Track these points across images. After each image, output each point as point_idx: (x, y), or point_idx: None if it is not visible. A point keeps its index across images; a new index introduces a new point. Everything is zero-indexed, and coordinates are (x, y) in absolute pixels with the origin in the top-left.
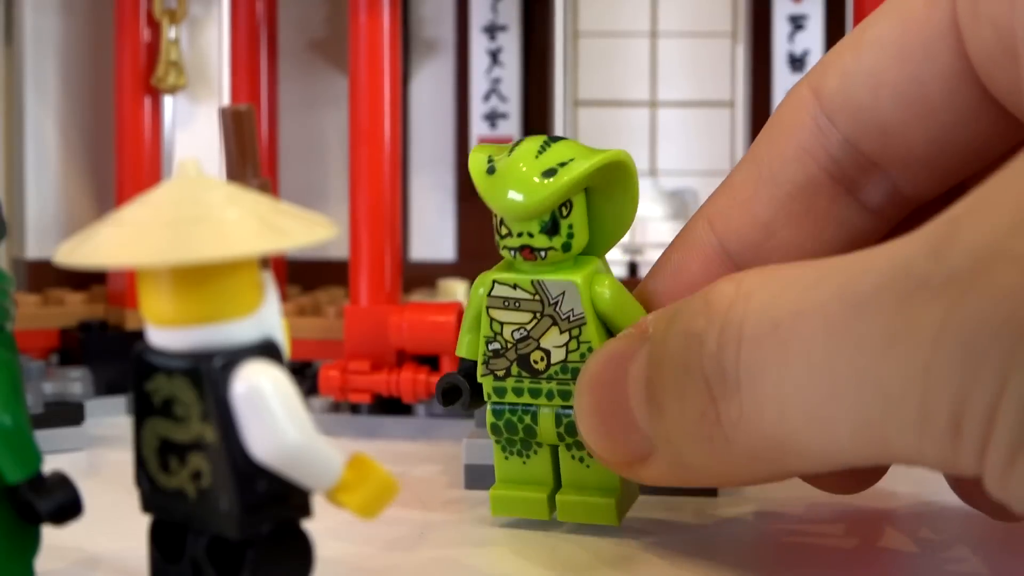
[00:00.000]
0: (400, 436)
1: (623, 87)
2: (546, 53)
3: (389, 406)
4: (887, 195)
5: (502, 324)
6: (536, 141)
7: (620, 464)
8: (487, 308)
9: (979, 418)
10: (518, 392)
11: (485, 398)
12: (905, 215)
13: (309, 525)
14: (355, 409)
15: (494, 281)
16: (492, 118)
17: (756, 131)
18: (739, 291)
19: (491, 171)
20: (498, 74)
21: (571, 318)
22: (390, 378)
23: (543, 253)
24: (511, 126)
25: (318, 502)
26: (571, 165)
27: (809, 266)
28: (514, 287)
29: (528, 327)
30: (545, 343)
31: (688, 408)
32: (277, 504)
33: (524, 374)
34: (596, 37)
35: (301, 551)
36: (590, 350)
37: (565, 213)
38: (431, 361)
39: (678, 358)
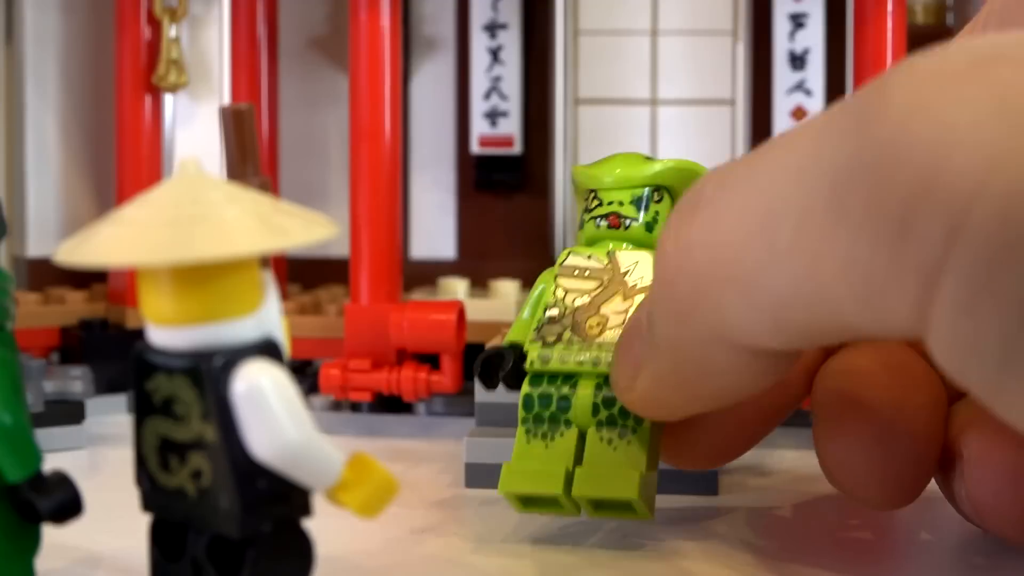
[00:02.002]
0: (400, 435)
1: (624, 85)
2: (547, 51)
3: (390, 404)
4: None
5: (567, 291)
6: (640, 153)
7: (623, 385)
8: (556, 277)
9: (937, 225)
10: (563, 359)
11: (527, 366)
12: None
13: (309, 524)
14: (355, 407)
15: (570, 252)
16: (492, 116)
17: (757, 129)
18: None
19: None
20: (499, 72)
21: (639, 287)
22: (391, 376)
23: (628, 222)
24: (511, 124)
25: (318, 501)
26: (669, 159)
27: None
28: (588, 257)
29: (593, 294)
30: (606, 309)
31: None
32: (277, 503)
33: (575, 339)
34: (597, 35)
35: (301, 550)
36: None
37: (657, 198)
38: (432, 360)
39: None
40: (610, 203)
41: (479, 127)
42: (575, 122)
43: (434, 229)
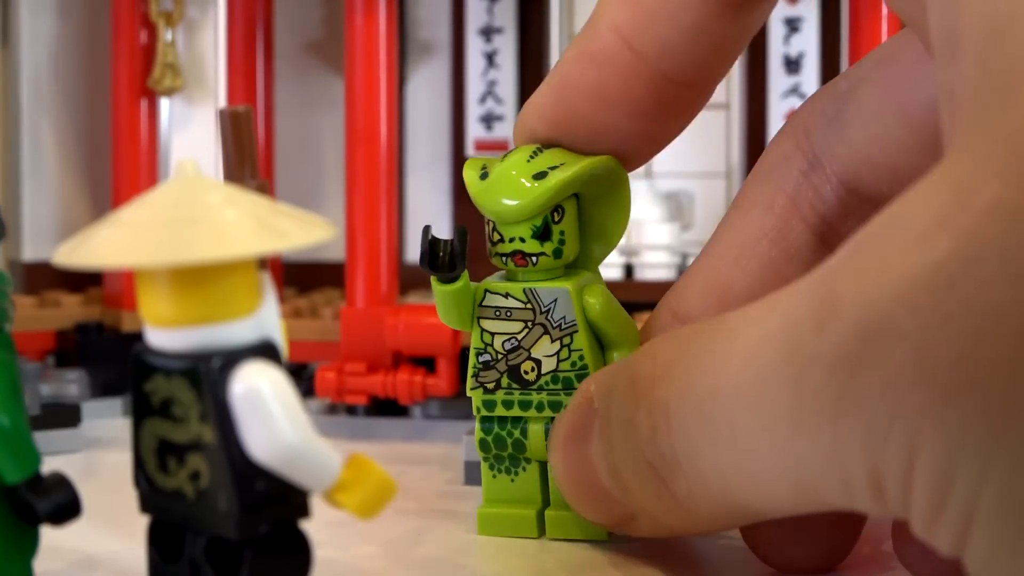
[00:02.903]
0: (396, 438)
1: None
2: (542, 55)
3: (385, 408)
4: None
5: (493, 335)
6: (528, 149)
7: (609, 526)
8: (478, 319)
9: (896, 487)
10: (508, 405)
11: (474, 412)
12: None
13: (307, 525)
14: (351, 411)
15: (486, 290)
16: (488, 120)
17: (752, 133)
18: (656, 366)
19: (484, 176)
20: (494, 76)
21: (563, 326)
22: (386, 380)
23: (534, 259)
24: (507, 128)
25: (316, 502)
26: (562, 168)
27: (717, 332)
28: (506, 295)
29: (519, 337)
30: (536, 352)
31: (647, 488)
32: (275, 504)
33: (515, 386)
34: None
35: (299, 551)
36: (581, 358)
37: (557, 219)
38: (427, 363)
39: (622, 446)
40: (511, 239)
41: (474, 131)
42: None
43: None
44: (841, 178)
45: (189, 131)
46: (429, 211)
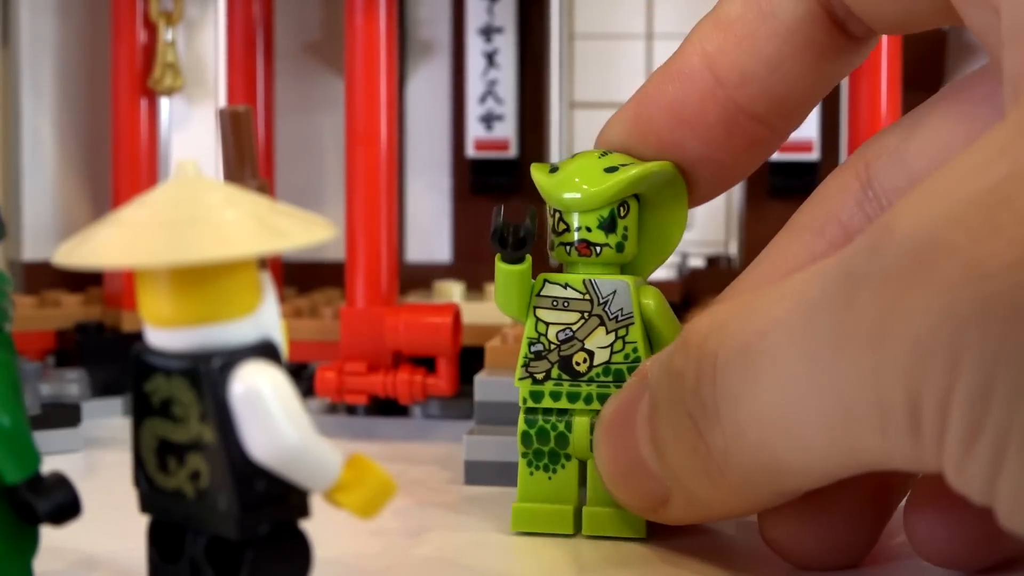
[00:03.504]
0: (396, 437)
1: (619, 89)
2: (542, 55)
3: (385, 407)
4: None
5: (548, 325)
6: (596, 151)
7: (643, 509)
8: (534, 308)
9: (934, 411)
10: (555, 396)
11: (520, 403)
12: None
13: (307, 525)
14: (351, 411)
15: (545, 280)
16: (488, 120)
17: None
18: (712, 323)
19: (554, 171)
20: (494, 76)
21: (619, 318)
22: (386, 379)
23: (599, 249)
24: (507, 128)
25: (316, 502)
26: (631, 165)
27: (777, 286)
28: (565, 286)
29: (574, 327)
30: (590, 344)
31: (683, 445)
32: (275, 504)
33: (564, 377)
34: (592, 39)
35: (299, 551)
36: (635, 351)
37: (623, 213)
38: (427, 363)
39: (667, 399)
40: (577, 228)
41: (474, 131)
42: (570, 126)
43: (430, 232)
44: None
45: (189, 131)
46: (429, 210)
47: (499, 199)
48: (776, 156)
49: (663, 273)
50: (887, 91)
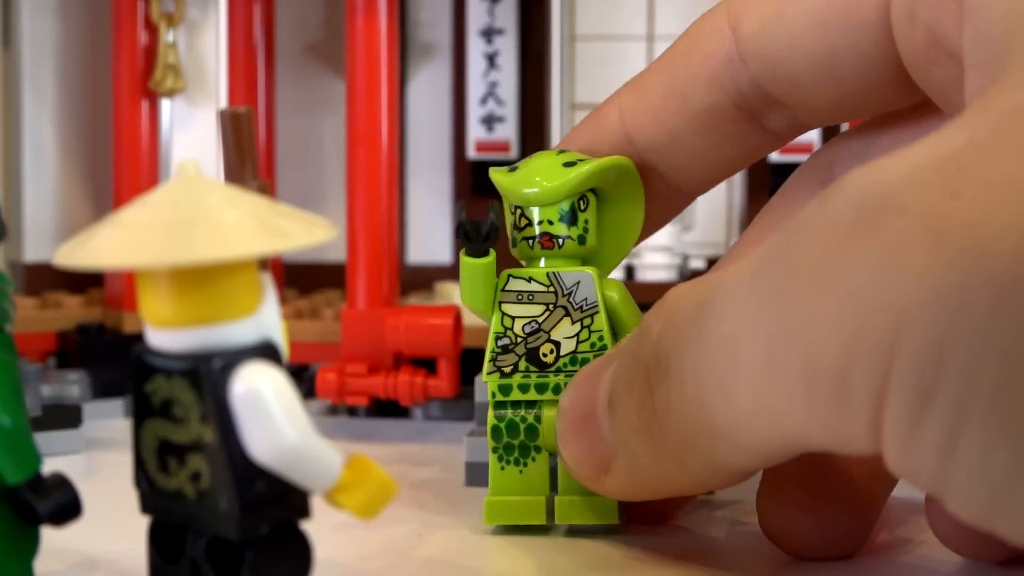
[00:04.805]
0: (397, 439)
1: None
2: (543, 57)
3: (386, 409)
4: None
5: (513, 319)
6: (553, 151)
7: (587, 475)
8: (499, 303)
9: (868, 375)
10: (524, 388)
11: (488, 398)
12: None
13: (308, 526)
14: (352, 412)
15: (509, 275)
16: (489, 122)
17: None
18: (690, 286)
19: (513, 170)
20: (495, 78)
21: (584, 307)
22: (387, 381)
23: (561, 241)
24: (508, 130)
25: (317, 503)
26: (589, 160)
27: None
28: (529, 280)
29: (539, 319)
30: (556, 335)
31: (633, 398)
32: (276, 505)
33: (532, 368)
34: (593, 41)
35: (300, 552)
36: (600, 339)
37: (583, 207)
38: (428, 364)
39: (631, 349)
40: (539, 222)
41: (475, 132)
42: (571, 127)
43: (431, 233)
44: None
45: (190, 132)
46: (430, 212)
47: (500, 200)
48: (776, 157)
49: (664, 274)
50: None
